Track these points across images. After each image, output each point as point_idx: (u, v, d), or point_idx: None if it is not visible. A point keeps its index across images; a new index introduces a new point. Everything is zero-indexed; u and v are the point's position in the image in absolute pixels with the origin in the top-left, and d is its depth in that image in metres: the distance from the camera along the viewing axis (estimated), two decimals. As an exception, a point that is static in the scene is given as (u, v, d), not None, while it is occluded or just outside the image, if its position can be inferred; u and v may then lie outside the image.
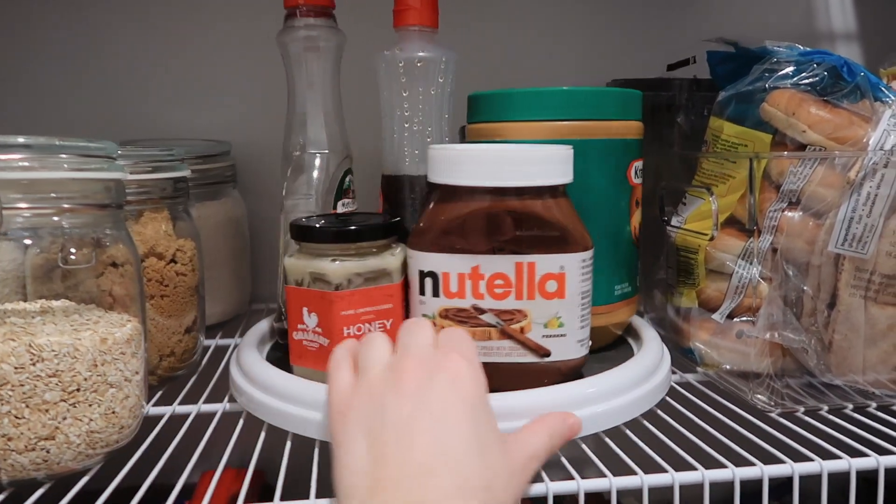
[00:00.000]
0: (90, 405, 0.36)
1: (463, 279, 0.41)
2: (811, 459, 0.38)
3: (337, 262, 0.41)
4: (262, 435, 0.42)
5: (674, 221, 0.55)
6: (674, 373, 0.52)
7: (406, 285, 0.43)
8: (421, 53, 0.49)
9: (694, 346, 0.52)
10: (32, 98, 0.68)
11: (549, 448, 0.34)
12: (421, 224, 0.43)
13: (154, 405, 0.48)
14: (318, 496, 0.34)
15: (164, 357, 0.50)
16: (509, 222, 0.41)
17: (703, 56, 0.57)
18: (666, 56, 0.65)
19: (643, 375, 0.45)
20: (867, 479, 0.38)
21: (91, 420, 0.36)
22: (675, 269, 0.55)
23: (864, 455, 0.38)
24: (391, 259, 0.42)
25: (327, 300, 0.40)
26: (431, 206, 0.43)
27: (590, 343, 0.44)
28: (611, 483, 0.36)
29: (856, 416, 0.44)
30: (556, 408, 0.40)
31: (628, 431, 0.42)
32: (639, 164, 0.51)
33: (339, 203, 0.53)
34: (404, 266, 0.43)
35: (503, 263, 0.41)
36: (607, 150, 0.49)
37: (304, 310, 0.42)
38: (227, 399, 0.48)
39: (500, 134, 0.48)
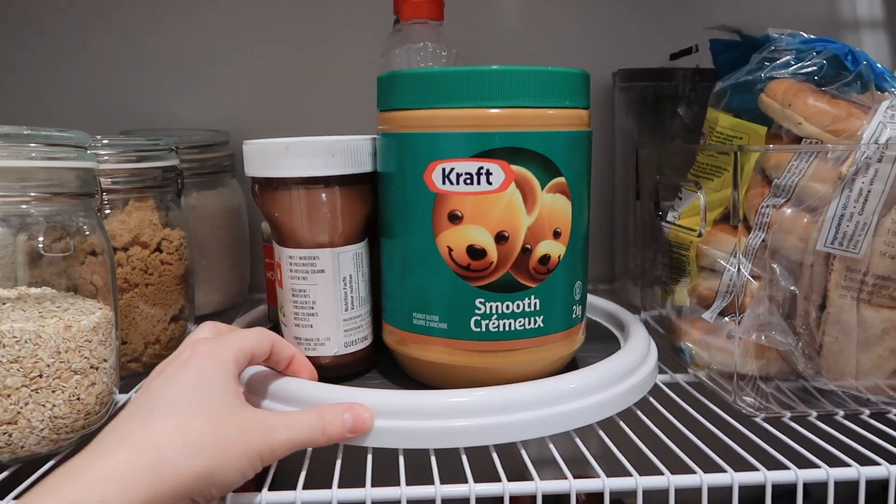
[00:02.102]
0: (53, 391, 0.36)
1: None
2: (787, 468, 0.36)
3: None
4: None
5: (669, 217, 0.53)
6: (664, 372, 0.50)
7: None
8: (422, 45, 0.49)
9: (684, 345, 0.50)
10: (32, 89, 0.69)
11: (313, 432, 0.35)
12: None
13: (137, 391, 0.48)
14: (305, 487, 0.35)
15: (149, 345, 0.50)
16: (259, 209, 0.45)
17: (708, 45, 0.55)
18: (672, 45, 0.63)
19: (623, 373, 0.44)
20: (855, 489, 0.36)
21: (54, 406, 0.36)
22: (668, 266, 0.53)
23: (844, 465, 0.36)
24: None
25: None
26: None
27: (325, 349, 0.44)
28: (570, 485, 0.35)
29: (846, 423, 0.42)
30: (528, 404, 0.39)
31: (601, 432, 0.41)
32: (459, 165, 0.38)
33: None
34: None
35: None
36: (396, 146, 0.40)
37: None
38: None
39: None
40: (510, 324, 0.40)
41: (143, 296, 0.49)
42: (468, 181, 0.38)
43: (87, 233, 0.42)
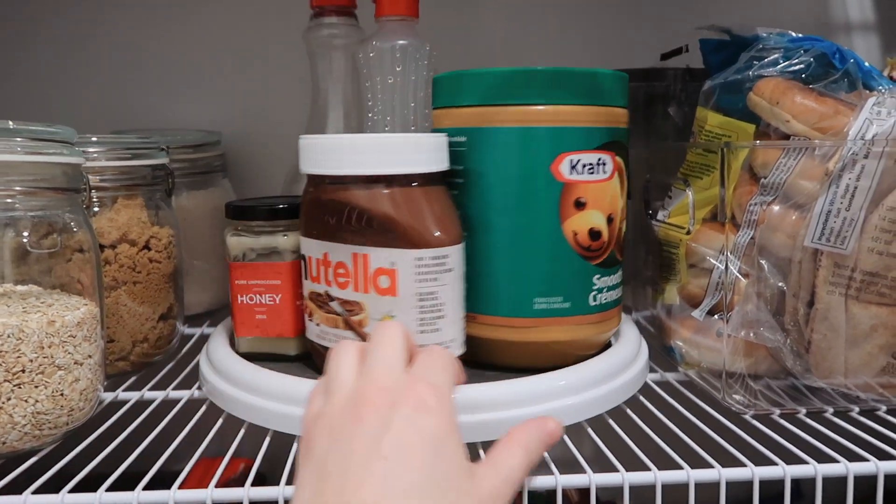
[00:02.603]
0: (36, 387, 0.36)
1: (319, 264, 0.42)
2: (775, 464, 0.36)
3: (234, 237, 0.46)
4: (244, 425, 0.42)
5: (659, 216, 0.53)
6: (654, 371, 0.50)
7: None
8: (375, 44, 0.49)
9: (674, 344, 0.50)
10: (24, 87, 0.70)
11: (526, 464, 0.32)
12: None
13: (125, 390, 0.48)
14: (288, 483, 0.34)
15: (137, 343, 0.50)
16: (339, 212, 0.40)
17: (698, 44, 0.55)
18: (663, 45, 0.63)
19: (613, 371, 0.44)
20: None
21: (37, 401, 0.36)
22: (658, 265, 0.53)
23: (833, 461, 0.36)
24: (282, 239, 0.45)
25: (229, 269, 0.46)
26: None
27: (451, 351, 0.40)
28: (556, 480, 0.35)
29: (836, 420, 0.42)
30: (515, 400, 0.39)
31: (589, 429, 0.40)
32: (584, 157, 0.42)
33: None
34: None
35: (344, 252, 0.40)
36: (517, 140, 0.42)
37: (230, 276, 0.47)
38: (196, 386, 0.48)
39: (438, 121, 0.45)
40: (612, 295, 0.45)
41: (131, 293, 0.49)
42: (591, 171, 0.42)
43: (75, 229, 0.42)
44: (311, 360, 0.45)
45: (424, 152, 0.40)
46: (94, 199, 0.49)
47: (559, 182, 0.42)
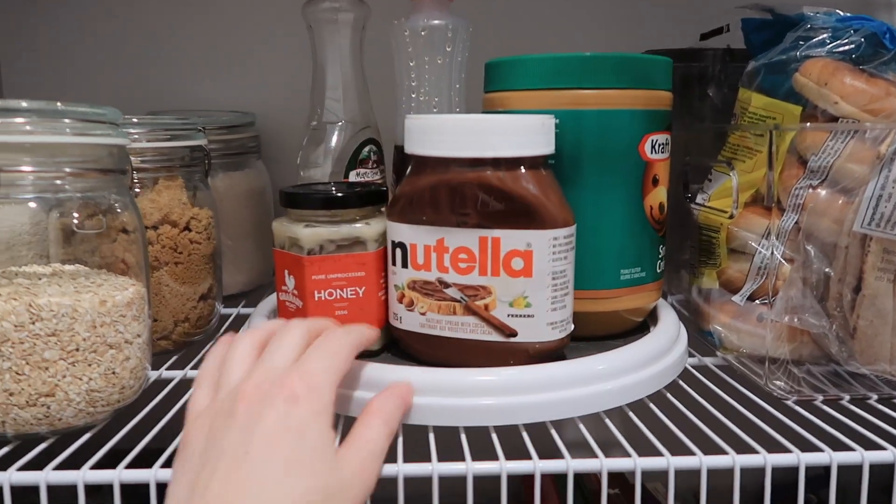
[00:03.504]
0: (89, 365, 0.37)
1: (429, 251, 0.40)
2: (821, 450, 0.36)
3: (308, 229, 0.41)
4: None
5: (698, 199, 0.53)
6: (692, 356, 0.50)
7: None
8: (426, 22, 0.48)
9: (713, 328, 0.50)
10: (62, 70, 0.70)
11: (386, 434, 0.33)
12: (395, 195, 0.42)
13: (168, 369, 0.49)
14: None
15: (179, 323, 0.51)
16: (472, 195, 0.39)
17: (739, 24, 0.54)
18: (701, 25, 0.62)
19: (653, 356, 0.44)
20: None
21: (91, 379, 0.37)
22: (697, 249, 0.53)
23: (879, 448, 0.36)
24: (365, 228, 0.42)
25: (300, 264, 0.41)
26: (406, 177, 0.42)
27: (570, 326, 0.42)
28: (602, 464, 0.35)
29: (880, 407, 0.42)
30: (556, 384, 0.39)
31: (631, 413, 0.40)
32: (659, 137, 0.46)
33: (353, 172, 0.53)
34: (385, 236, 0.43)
35: (467, 237, 0.39)
36: (609, 121, 0.44)
37: (286, 272, 0.43)
38: (236, 365, 0.48)
39: (505, 103, 0.46)
40: (663, 264, 0.49)
41: (173, 274, 0.50)
42: (662, 150, 0.46)
43: (119, 210, 0.42)
44: (396, 350, 0.45)
45: (548, 134, 0.40)
46: (135, 181, 0.49)
47: (644, 161, 0.45)
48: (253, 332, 0.37)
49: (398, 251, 0.41)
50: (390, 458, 0.35)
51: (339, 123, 0.52)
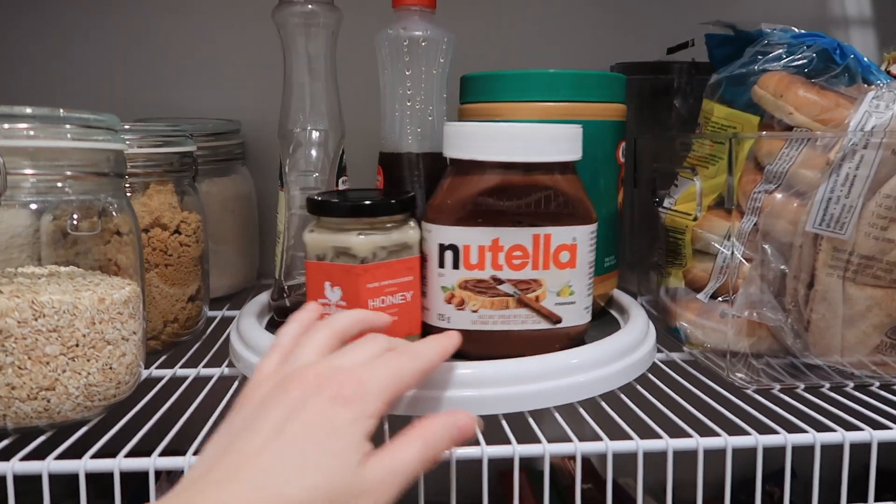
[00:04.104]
0: (88, 360, 0.38)
1: (483, 251, 0.43)
2: (777, 433, 0.39)
3: (363, 236, 0.42)
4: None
5: (665, 203, 0.56)
6: (660, 351, 0.53)
7: (423, 259, 0.45)
8: (425, 33, 0.50)
9: (680, 325, 0.53)
10: (47, 77, 0.71)
11: (422, 458, 0.32)
12: (440, 199, 0.44)
13: (157, 367, 0.50)
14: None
15: (168, 323, 0.53)
16: (529, 196, 0.43)
17: (703, 39, 0.57)
18: (668, 39, 0.65)
19: (624, 350, 0.46)
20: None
21: (89, 374, 0.38)
22: (664, 251, 0.56)
23: (830, 430, 0.39)
24: (411, 233, 0.44)
25: (353, 274, 0.41)
26: (449, 181, 0.44)
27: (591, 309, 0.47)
28: (576, 448, 0.37)
29: (831, 394, 0.45)
30: (534, 377, 0.42)
31: (603, 403, 0.43)
32: (624, 144, 0.54)
33: (340, 180, 0.55)
34: (420, 240, 0.45)
35: (522, 235, 0.43)
36: (599, 131, 0.51)
37: (327, 284, 0.42)
38: (225, 364, 0.50)
39: (490, 114, 0.49)
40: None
41: (163, 276, 0.51)
42: (624, 155, 0.55)
43: (114, 213, 0.44)
44: None
45: (579, 141, 0.45)
46: (127, 185, 0.51)
47: (619, 164, 0.54)
48: (340, 321, 0.37)
49: (448, 253, 0.43)
50: (377, 442, 0.37)
51: (324, 130, 0.54)
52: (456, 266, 0.43)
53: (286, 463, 0.29)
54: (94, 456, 0.36)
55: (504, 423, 0.40)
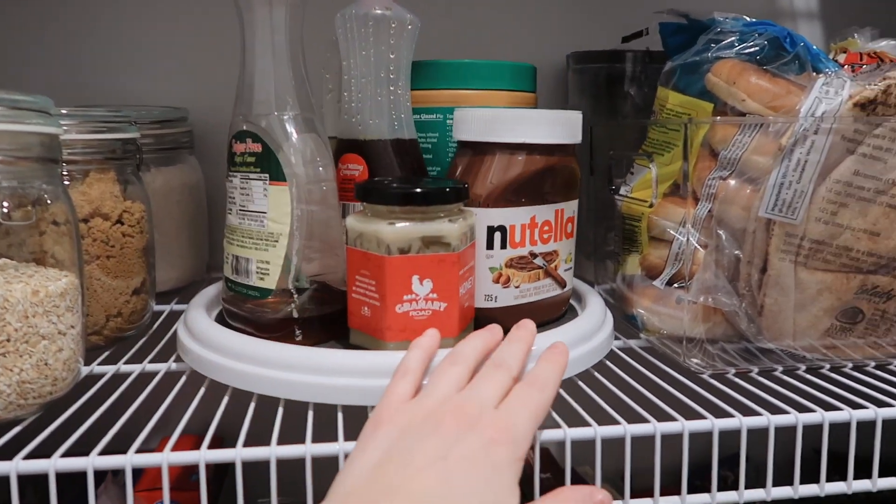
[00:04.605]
0: (21, 356, 0.36)
1: (524, 229, 0.46)
2: (732, 416, 0.39)
3: (455, 223, 0.41)
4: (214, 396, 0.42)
5: (621, 191, 0.56)
6: (617, 339, 0.53)
7: None
8: (404, 14, 0.49)
9: (636, 312, 0.53)
10: (-13, 61, 0.68)
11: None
12: (486, 184, 0.46)
13: (99, 364, 0.48)
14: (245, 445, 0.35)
15: (111, 317, 0.50)
16: (556, 174, 0.47)
17: (657, 28, 0.57)
18: (624, 28, 0.65)
19: (581, 337, 0.46)
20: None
21: (22, 370, 0.36)
22: (620, 238, 0.56)
23: (783, 412, 0.39)
24: (472, 219, 0.44)
25: (448, 263, 0.41)
26: (494, 165, 0.46)
27: None
28: (536, 435, 0.37)
29: (784, 377, 0.45)
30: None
31: (562, 391, 0.43)
32: None
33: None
34: None
35: (549, 211, 0.47)
36: None
37: (415, 278, 0.41)
38: (172, 359, 0.48)
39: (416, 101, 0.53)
40: None
41: (105, 268, 0.49)
42: None
43: (50, 201, 0.41)
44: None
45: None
46: (65, 173, 0.48)
47: None
48: (467, 353, 0.38)
49: (497, 234, 0.46)
50: (299, 438, 0.36)
51: (315, 117, 0.49)
52: (504, 246, 0.46)
53: (452, 487, 0.29)
54: (28, 457, 0.34)
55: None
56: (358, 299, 0.43)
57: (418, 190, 0.41)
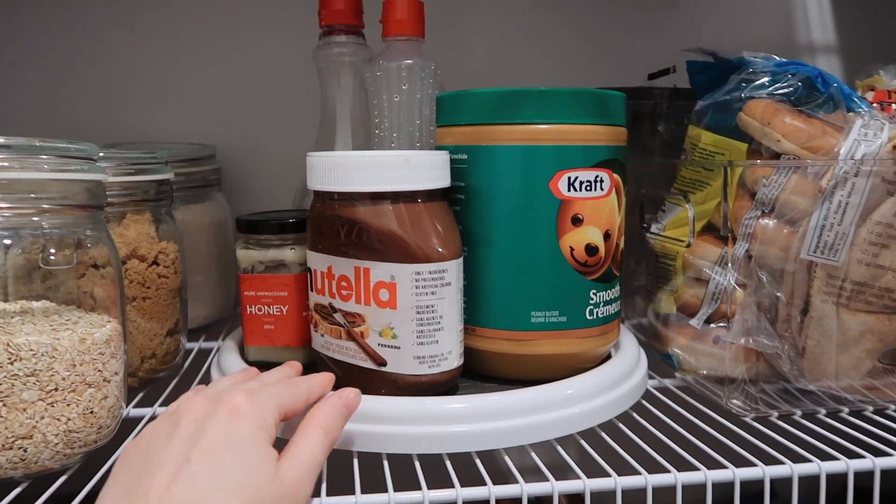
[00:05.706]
0: (68, 405, 0.36)
1: (324, 277, 0.44)
2: (782, 463, 0.38)
3: (243, 250, 0.48)
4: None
5: (653, 228, 0.56)
6: (652, 378, 0.52)
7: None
8: (422, 61, 0.50)
9: (672, 351, 0.52)
10: (17, 101, 0.68)
11: (325, 444, 0.33)
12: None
13: (135, 406, 0.48)
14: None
15: (146, 359, 0.50)
16: (343, 227, 0.41)
17: (684, 66, 0.58)
18: (648, 65, 0.66)
19: (618, 378, 0.46)
20: (843, 483, 0.39)
21: (69, 420, 0.36)
22: (654, 275, 0.56)
23: (834, 459, 0.39)
24: (289, 252, 0.47)
25: (238, 281, 0.49)
26: (311, 206, 0.45)
27: (449, 363, 0.42)
28: (584, 484, 0.36)
29: (829, 420, 0.45)
30: (527, 409, 0.41)
31: (603, 434, 0.42)
32: (582, 174, 0.43)
33: None
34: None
35: (346, 266, 0.42)
36: (515, 157, 0.43)
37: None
38: (207, 401, 0.48)
39: (441, 139, 0.47)
40: (610, 309, 0.46)
41: (141, 310, 0.49)
42: (588, 188, 0.43)
43: (89, 245, 0.41)
44: (316, 370, 0.45)
45: (426, 169, 0.41)
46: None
47: (557, 199, 0.43)
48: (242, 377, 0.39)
49: (308, 275, 0.45)
50: (348, 489, 0.36)
51: None
52: (312, 288, 0.45)
53: (203, 489, 0.28)
54: (77, 509, 0.33)
55: (478, 461, 0.39)
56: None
57: (250, 219, 0.48)
